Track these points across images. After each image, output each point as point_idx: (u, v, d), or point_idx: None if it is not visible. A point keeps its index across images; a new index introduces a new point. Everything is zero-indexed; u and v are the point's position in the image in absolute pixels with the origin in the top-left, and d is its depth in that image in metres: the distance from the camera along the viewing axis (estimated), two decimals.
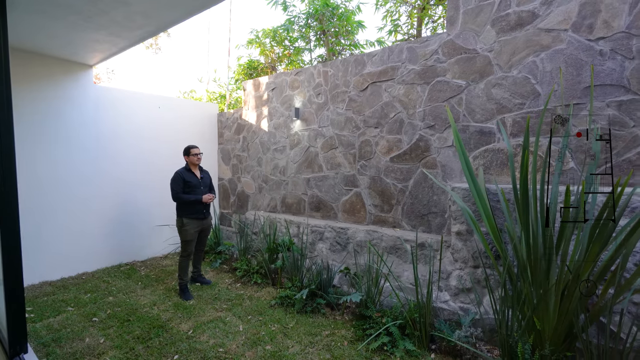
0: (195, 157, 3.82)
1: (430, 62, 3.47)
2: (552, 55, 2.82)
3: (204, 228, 3.92)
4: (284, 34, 5.36)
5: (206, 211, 3.86)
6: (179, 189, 3.67)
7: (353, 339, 2.86)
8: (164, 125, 5.32)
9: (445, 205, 3.43)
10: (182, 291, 3.74)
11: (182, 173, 3.75)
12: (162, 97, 5.37)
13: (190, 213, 3.72)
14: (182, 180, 3.70)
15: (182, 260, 3.75)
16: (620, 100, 2.57)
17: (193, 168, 3.85)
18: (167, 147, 5.29)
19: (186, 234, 3.70)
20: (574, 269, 2.17)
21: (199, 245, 4.01)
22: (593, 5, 2.65)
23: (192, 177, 3.79)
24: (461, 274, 3.00)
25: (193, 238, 3.77)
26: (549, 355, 2.22)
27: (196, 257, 4.08)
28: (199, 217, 3.77)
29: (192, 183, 3.74)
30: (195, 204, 3.73)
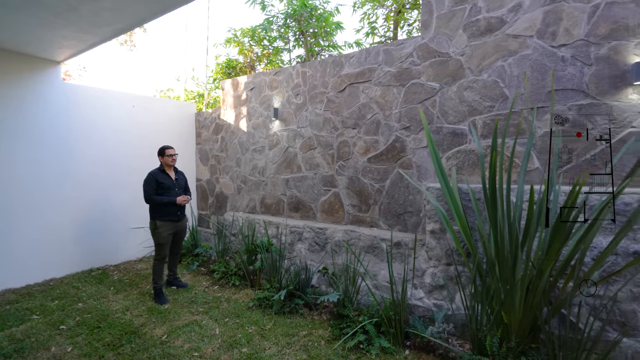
0: (169, 158, 3.71)
1: (406, 64, 3.55)
2: (519, 60, 2.95)
3: (179, 230, 3.82)
4: (262, 34, 5.32)
5: (180, 213, 3.77)
6: (151, 191, 3.56)
7: (330, 339, 2.88)
8: (140, 124, 5.16)
9: (420, 204, 3.51)
10: (156, 295, 3.64)
11: (155, 174, 3.64)
12: (136, 95, 5.22)
13: (163, 215, 3.61)
14: (155, 181, 3.59)
15: (156, 263, 3.65)
16: (580, 104, 2.71)
17: (167, 169, 3.75)
18: (143, 147, 5.13)
19: (159, 236, 3.60)
20: (538, 265, 2.28)
21: (174, 247, 3.91)
22: (555, 13, 2.79)
23: (166, 178, 3.68)
24: (435, 272, 3.08)
25: (167, 241, 3.67)
26: (515, 347, 2.33)
27: (171, 260, 3.98)
28: (172, 219, 3.67)
29: (165, 184, 3.64)
30: (169, 205, 3.62)
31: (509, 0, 2.98)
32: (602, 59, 2.63)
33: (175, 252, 3.96)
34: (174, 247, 3.90)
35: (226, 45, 5.71)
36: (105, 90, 4.85)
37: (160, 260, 3.66)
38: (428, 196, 3.04)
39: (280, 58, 5.72)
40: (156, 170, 3.69)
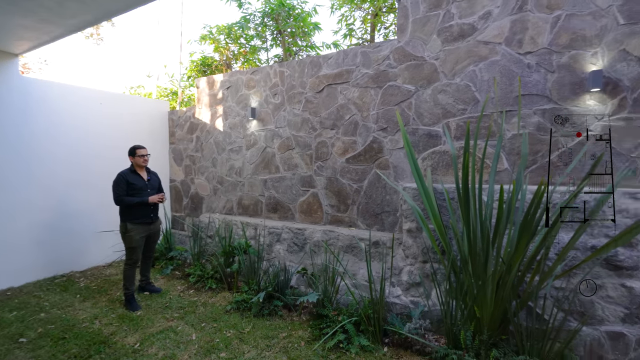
0: (141, 158, 3.53)
1: (383, 67, 3.61)
2: (489, 66, 3.09)
3: (152, 233, 3.66)
4: (239, 32, 5.21)
5: (154, 215, 3.60)
6: (121, 192, 3.39)
7: (310, 339, 2.88)
8: (109, 123, 4.91)
9: (397, 204, 3.59)
10: (128, 302, 3.48)
11: (125, 174, 3.46)
12: (105, 92, 4.95)
13: (135, 217, 3.44)
14: (126, 182, 3.41)
15: (127, 268, 3.48)
16: (544, 109, 2.89)
17: (139, 169, 3.58)
18: (112, 147, 4.88)
19: (131, 240, 3.43)
20: (507, 261, 2.40)
21: (147, 251, 3.75)
22: (522, 22, 2.95)
23: (137, 179, 3.51)
24: (411, 269, 3.16)
25: (139, 244, 3.49)
26: (487, 339, 2.44)
27: (144, 265, 3.82)
28: (145, 221, 3.50)
29: (137, 185, 3.47)
30: (141, 206, 3.46)
31: (479, 8, 3.12)
32: (563, 67, 2.81)
33: (148, 256, 3.80)
34: (147, 250, 3.73)
35: (201, 42, 5.54)
36: (70, 86, 4.57)
37: (132, 265, 3.49)
38: (405, 196, 3.11)
39: (257, 57, 5.64)
40: (126, 171, 3.51)
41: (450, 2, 3.24)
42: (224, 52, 5.48)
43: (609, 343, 2.35)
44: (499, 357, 2.33)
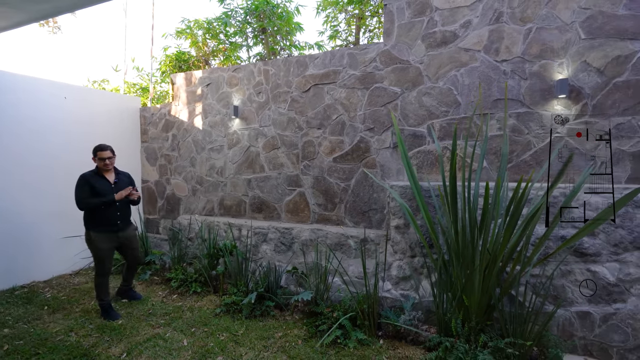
0: (102, 162, 3.11)
1: (370, 69, 3.72)
2: (469, 71, 3.31)
3: (124, 242, 3.27)
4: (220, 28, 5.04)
5: (121, 222, 3.20)
6: (83, 196, 3.02)
7: (306, 337, 2.90)
8: (73, 119, 4.53)
9: (384, 202, 3.72)
10: (105, 311, 3.24)
11: (88, 177, 3.08)
12: (69, 85, 4.57)
13: (98, 224, 3.08)
14: (89, 185, 3.04)
15: (97, 279, 3.19)
16: (518, 112, 3.16)
17: (105, 172, 3.20)
18: (77, 145, 4.52)
19: (96, 250, 3.10)
20: (493, 251, 2.61)
21: (129, 261, 3.46)
22: (498, 32, 3.20)
23: (101, 182, 3.13)
24: (400, 264, 3.30)
25: (106, 255, 3.15)
26: (475, 326, 2.63)
27: (128, 271, 3.54)
28: (110, 229, 3.13)
29: (101, 189, 3.07)
30: (106, 211, 3.09)
31: (460, 17, 3.33)
32: (535, 75, 3.10)
33: (132, 265, 3.50)
34: (129, 260, 3.43)
35: (177, 36, 5.27)
36: (27, 77, 4.15)
37: (102, 275, 3.18)
38: (393, 194, 3.24)
39: (237, 55, 5.50)
40: (90, 173, 3.13)
41: (433, 10, 3.42)
42: (202, 48, 5.28)
43: (578, 322, 2.64)
44: (487, 341, 2.52)
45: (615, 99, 2.87)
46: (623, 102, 2.84)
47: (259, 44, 5.23)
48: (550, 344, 2.50)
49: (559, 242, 2.76)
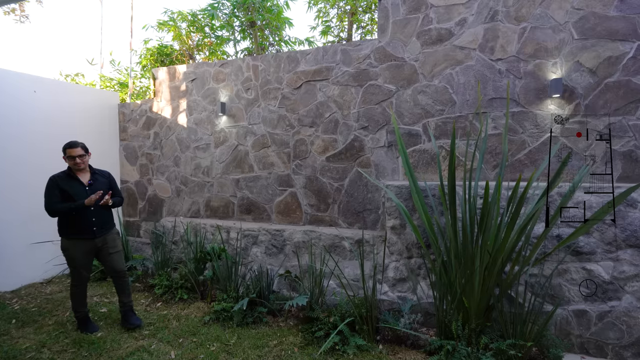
0: (72, 161, 2.75)
1: (364, 65, 3.63)
2: (465, 70, 3.28)
3: (103, 248, 2.87)
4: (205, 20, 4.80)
5: (97, 228, 2.81)
6: (52, 200, 2.70)
7: (303, 344, 2.77)
8: (45, 116, 4.19)
9: (379, 202, 3.64)
10: (81, 323, 2.96)
11: (58, 179, 2.75)
12: (40, 78, 4.22)
13: (71, 232, 2.75)
14: (58, 188, 2.71)
15: (72, 289, 2.89)
16: (513, 112, 3.16)
17: (78, 172, 2.83)
18: (48, 144, 4.17)
19: (70, 258, 2.80)
20: (493, 252, 2.57)
21: (112, 271, 2.97)
22: (493, 31, 3.19)
23: (72, 184, 2.77)
24: (397, 266, 3.23)
25: (83, 264, 2.83)
26: (475, 328, 2.59)
27: (117, 287, 3.03)
28: (85, 237, 2.77)
29: (73, 192, 2.73)
30: (80, 217, 2.73)
31: (456, 15, 3.30)
32: (529, 74, 3.10)
33: (117, 275, 2.98)
34: (110, 270, 2.98)
35: (159, 29, 4.98)
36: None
37: (77, 285, 2.88)
38: (389, 193, 3.17)
39: (222, 49, 5.27)
40: (61, 175, 2.79)
41: (429, 7, 3.37)
42: (186, 42, 5.01)
43: (574, 320, 2.65)
44: (488, 343, 2.48)
45: (606, 99, 2.91)
46: (614, 103, 2.89)
47: (247, 38, 5.03)
48: (550, 344, 2.50)
49: (554, 241, 2.76)
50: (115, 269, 2.97)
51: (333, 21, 5.00)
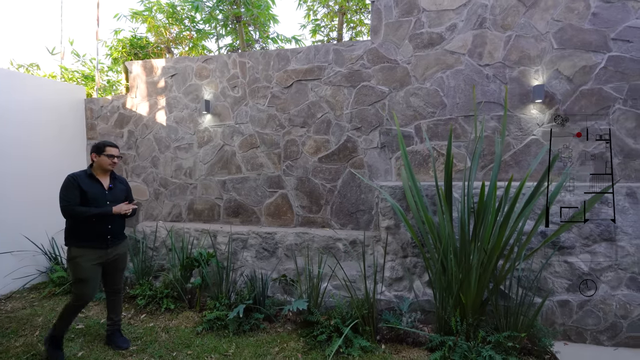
0: (109, 159, 2.57)
1: (357, 66, 3.63)
2: (455, 74, 3.40)
3: (111, 260, 2.66)
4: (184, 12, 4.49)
5: (112, 237, 2.60)
6: (72, 201, 2.44)
7: (305, 350, 2.72)
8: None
9: (372, 202, 3.67)
10: (51, 344, 2.55)
11: (78, 178, 2.51)
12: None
13: (83, 240, 2.49)
14: (79, 188, 2.47)
15: (69, 308, 2.53)
16: (499, 115, 3.33)
17: (100, 174, 2.62)
18: (2, 142, 3.72)
19: (78, 269, 2.48)
20: (488, 250, 2.69)
21: (111, 284, 2.75)
22: (481, 37, 3.33)
23: (94, 185, 2.55)
24: (393, 265, 3.28)
25: (91, 276, 2.50)
26: (472, 322, 2.70)
27: (111, 303, 2.80)
28: (99, 245, 2.54)
29: (92, 195, 2.50)
30: (95, 224, 2.51)
31: (446, 20, 3.40)
32: (514, 80, 3.28)
33: (114, 291, 2.78)
34: (110, 283, 2.75)
35: (133, 19, 4.57)
36: None
37: (78, 306, 2.53)
38: (384, 194, 3.20)
39: (202, 44, 4.97)
40: (81, 173, 2.55)
41: (421, 11, 3.44)
42: (164, 33, 4.66)
43: (559, 310, 2.86)
44: (486, 336, 2.60)
45: (581, 105, 3.16)
46: (588, 108, 3.14)
47: (230, 33, 4.80)
48: (540, 334, 2.67)
49: (539, 236, 2.96)
50: (116, 286, 2.79)
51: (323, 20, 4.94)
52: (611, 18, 3.05)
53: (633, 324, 2.77)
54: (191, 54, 5.12)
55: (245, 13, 4.33)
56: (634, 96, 3.02)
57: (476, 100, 3.36)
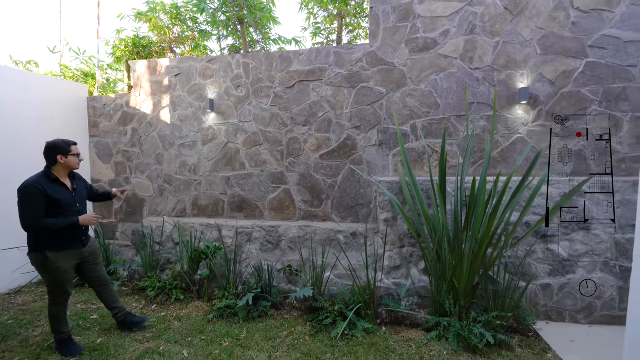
0: (77, 158, 2.55)
1: (356, 68, 3.84)
2: (447, 76, 3.65)
3: (87, 259, 2.67)
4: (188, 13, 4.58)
5: (85, 237, 2.63)
6: (38, 214, 2.32)
7: (312, 333, 2.93)
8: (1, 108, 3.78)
9: (370, 197, 3.90)
10: (64, 346, 2.58)
11: (42, 185, 2.35)
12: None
13: (59, 245, 2.43)
14: (45, 196, 2.34)
15: (53, 309, 2.54)
16: (488, 115, 3.59)
17: (63, 176, 2.52)
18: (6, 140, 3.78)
19: (56, 273, 2.43)
20: (480, 238, 2.95)
21: (96, 280, 2.77)
22: (472, 43, 3.58)
23: (61, 190, 2.45)
24: (391, 255, 3.52)
25: (68, 278, 2.50)
26: (464, 305, 2.96)
27: (104, 297, 2.85)
28: (74, 246, 2.52)
29: (62, 201, 2.42)
30: (70, 229, 2.46)
31: (440, 26, 3.64)
32: (502, 82, 3.55)
33: (102, 283, 2.81)
34: (94, 280, 2.77)
35: (137, 19, 4.63)
36: None
37: (60, 303, 2.54)
38: (382, 189, 3.43)
39: (204, 44, 5.07)
40: (43, 180, 2.39)
41: (416, 17, 3.67)
42: (168, 33, 4.75)
43: (541, 292, 3.15)
44: (476, 316, 2.87)
45: (562, 106, 3.45)
46: (568, 109, 3.44)
47: (232, 35, 4.92)
48: (524, 314, 2.95)
49: (524, 226, 3.24)
50: (101, 278, 2.81)
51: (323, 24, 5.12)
52: (588, 27, 3.35)
53: (606, 304, 3.08)
54: (194, 54, 5.22)
55: (249, 16, 4.47)
56: (608, 98, 3.33)
57: (468, 101, 3.62)
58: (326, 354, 2.61)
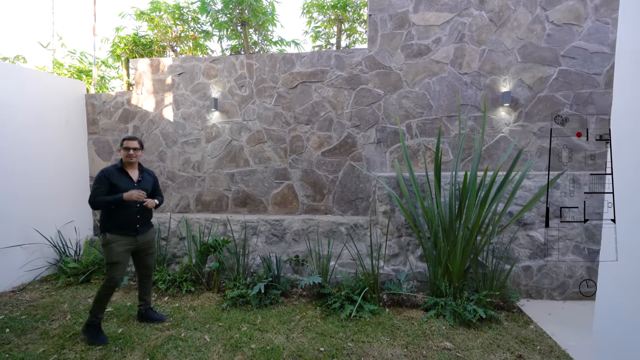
0: (126, 152, 2.80)
1: (356, 71, 4.10)
2: (439, 80, 3.99)
3: (142, 246, 2.93)
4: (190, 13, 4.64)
5: (140, 225, 2.87)
6: (99, 192, 2.69)
7: (323, 316, 3.18)
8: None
9: (369, 191, 4.19)
10: (94, 331, 2.73)
11: (108, 172, 2.76)
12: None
13: (115, 227, 2.75)
14: (108, 181, 2.72)
15: (102, 290, 2.75)
16: (475, 116, 3.97)
17: (129, 167, 2.86)
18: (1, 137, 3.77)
19: (111, 253, 2.74)
20: (472, 227, 3.31)
21: (142, 268, 3.04)
22: (461, 50, 3.94)
23: (122, 179, 2.80)
24: (390, 244, 3.83)
25: (122, 260, 2.77)
26: (457, 287, 3.31)
27: (142, 286, 3.09)
28: (128, 232, 2.80)
29: (120, 187, 2.76)
30: (124, 213, 2.77)
31: (432, 34, 3.97)
32: (487, 87, 3.93)
33: (145, 275, 3.07)
34: (142, 267, 3.04)
35: (139, 18, 4.64)
36: None
37: (110, 287, 2.75)
38: (382, 183, 3.73)
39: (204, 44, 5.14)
40: (112, 169, 2.80)
41: (411, 25, 3.98)
42: (169, 32, 4.78)
43: (523, 274, 3.56)
44: (469, 296, 3.22)
45: (539, 109, 3.87)
46: (544, 111, 3.87)
47: (230, 35, 5.03)
48: (509, 293, 3.34)
49: (507, 216, 3.64)
50: (149, 266, 3.08)
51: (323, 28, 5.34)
52: (561, 39, 3.78)
53: (577, 282, 3.53)
54: (195, 54, 5.29)
55: (252, 19, 4.62)
56: (578, 102, 3.78)
57: (459, 103, 3.98)
58: (338, 333, 2.88)
